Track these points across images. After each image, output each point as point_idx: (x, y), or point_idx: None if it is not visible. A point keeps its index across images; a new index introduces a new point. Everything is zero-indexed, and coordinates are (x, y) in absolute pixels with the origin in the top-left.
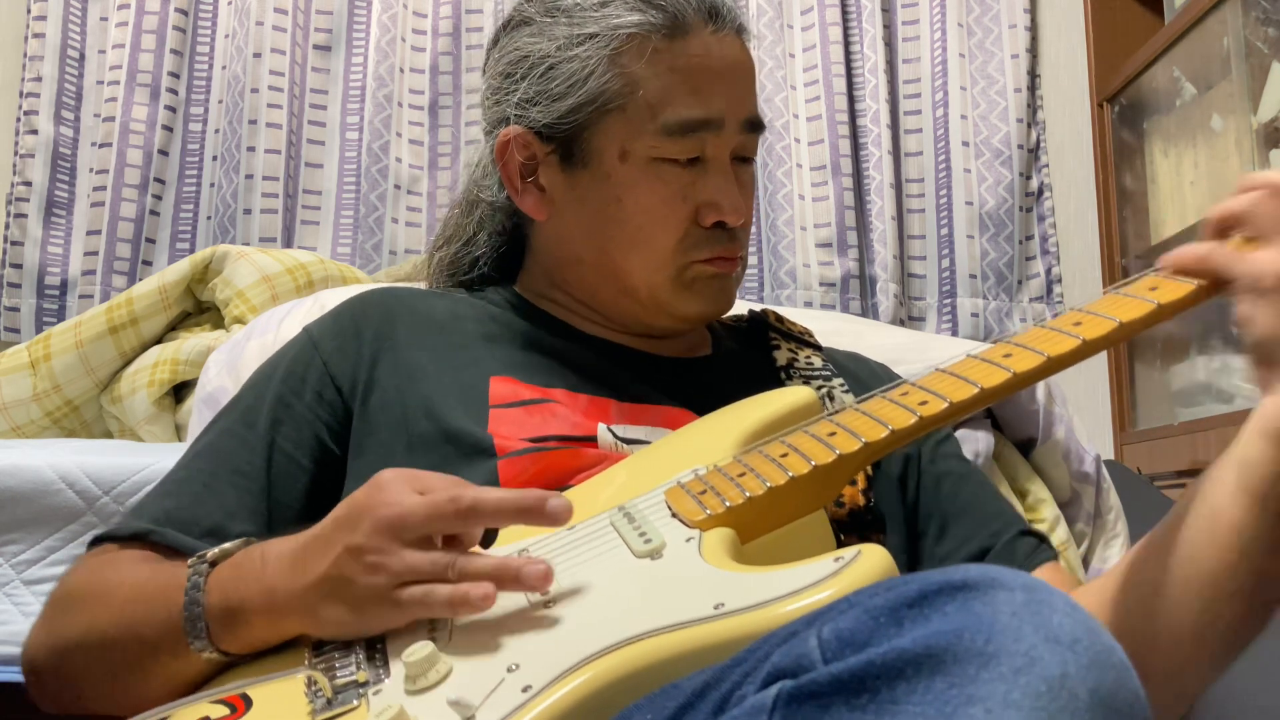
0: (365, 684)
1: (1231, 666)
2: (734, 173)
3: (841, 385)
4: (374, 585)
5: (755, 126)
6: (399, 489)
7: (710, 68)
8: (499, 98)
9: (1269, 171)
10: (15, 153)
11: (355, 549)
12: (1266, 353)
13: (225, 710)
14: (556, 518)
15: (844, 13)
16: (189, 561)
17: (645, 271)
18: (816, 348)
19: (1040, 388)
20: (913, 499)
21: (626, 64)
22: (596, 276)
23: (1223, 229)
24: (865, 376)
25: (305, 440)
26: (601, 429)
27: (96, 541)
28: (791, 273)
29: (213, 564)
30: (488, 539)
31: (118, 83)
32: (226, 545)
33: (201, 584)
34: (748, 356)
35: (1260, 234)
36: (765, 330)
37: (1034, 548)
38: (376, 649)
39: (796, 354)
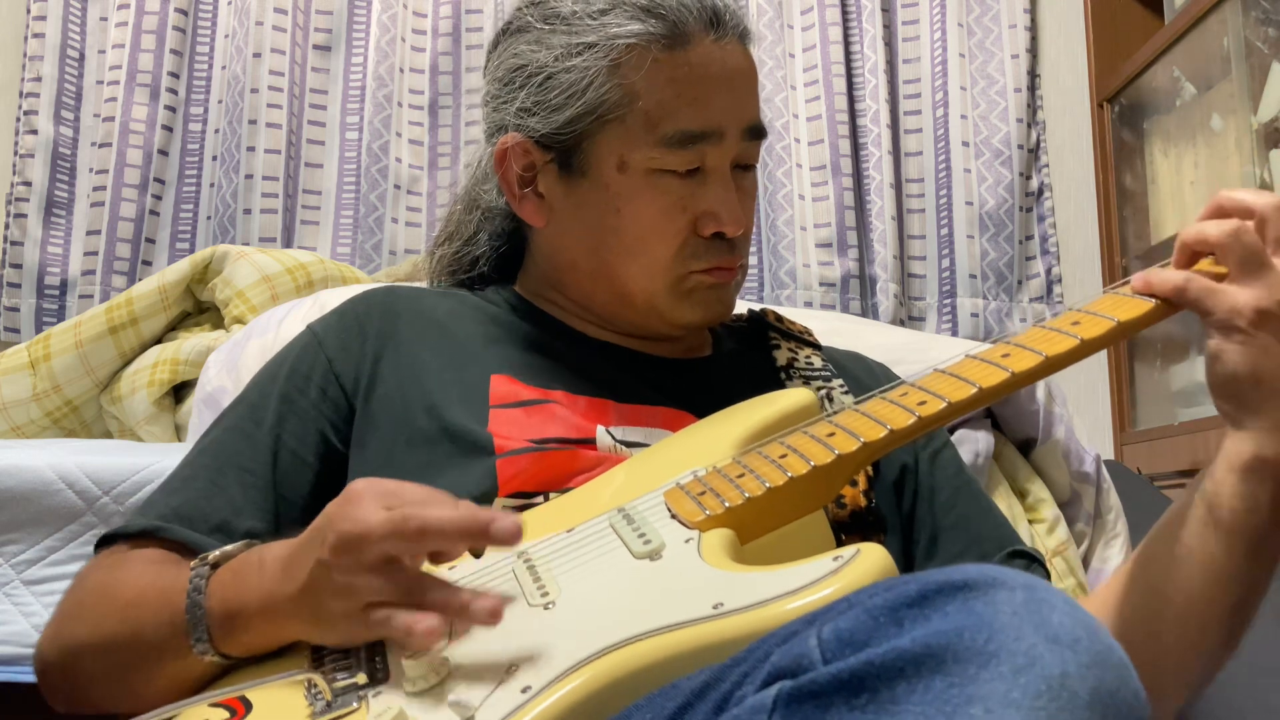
0: (365, 686)
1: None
2: (735, 180)
3: (841, 386)
4: (342, 607)
5: (757, 134)
6: (367, 505)
7: (711, 78)
8: (497, 104)
9: (1244, 193)
10: (15, 153)
11: (323, 564)
12: (1234, 390)
13: (225, 713)
14: (504, 539)
15: (844, 13)
16: (191, 564)
17: (642, 280)
18: (816, 347)
19: (1040, 388)
20: (909, 508)
21: (626, 75)
22: (594, 283)
23: (1195, 254)
24: (864, 376)
25: (310, 437)
26: (600, 431)
27: (106, 540)
28: (791, 273)
29: (214, 566)
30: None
31: (118, 83)
32: (228, 547)
33: (203, 586)
34: (748, 357)
35: (1235, 267)
36: (765, 330)
37: (1025, 569)
38: (376, 651)
39: (796, 354)
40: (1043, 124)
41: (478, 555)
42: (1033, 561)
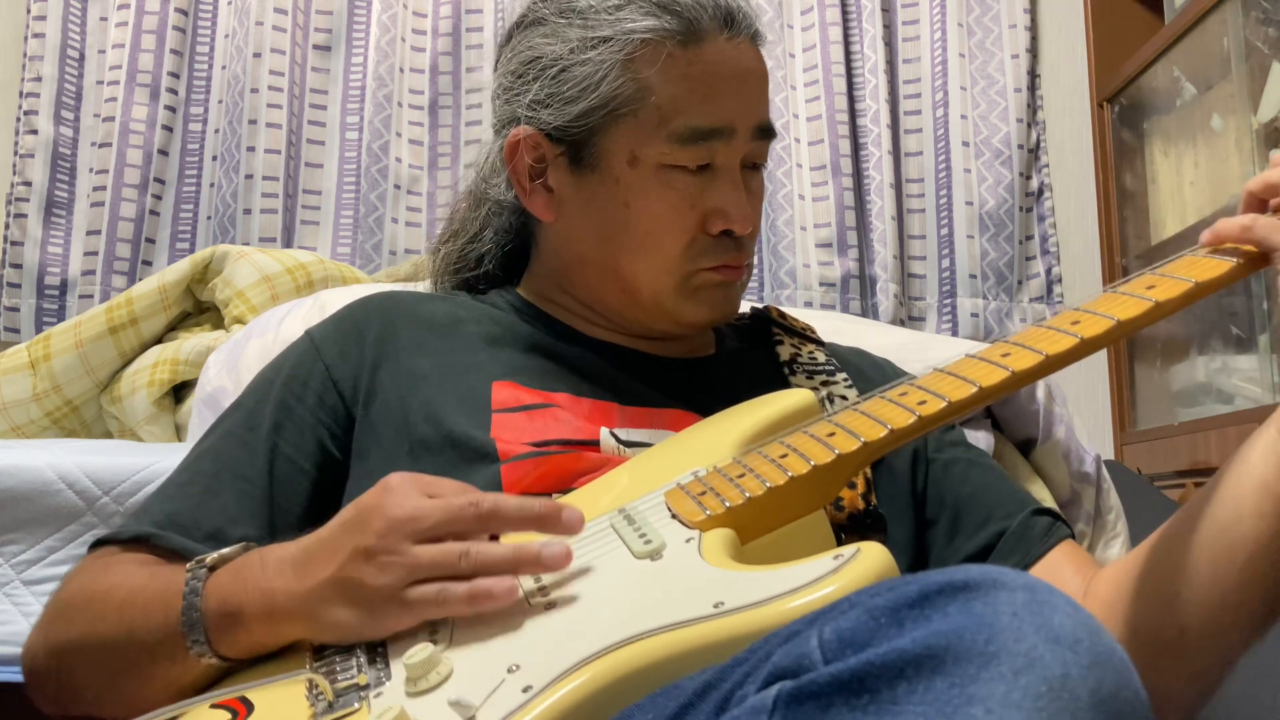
0: (366, 686)
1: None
2: (743, 179)
3: (845, 380)
4: (384, 585)
5: (766, 133)
6: (409, 492)
7: (723, 76)
8: (509, 97)
9: None
10: (15, 153)
11: (365, 550)
12: None
13: (226, 714)
14: (571, 527)
15: (844, 13)
16: (187, 566)
17: (650, 277)
18: (819, 343)
19: (1040, 387)
20: (922, 489)
21: (639, 70)
22: (601, 279)
23: (1262, 200)
24: (869, 370)
25: (307, 444)
26: (604, 433)
27: (97, 544)
28: (791, 273)
29: (211, 569)
30: None
31: (118, 83)
32: (225, 550)
33: (200, 589)
34: (751, 355)
35: None
36: (768, 327)
37: (1049, 526)
38: (377, 652)
39: (800, 349)
40: (1043, 124)
41: None
42: (1056, 519)
